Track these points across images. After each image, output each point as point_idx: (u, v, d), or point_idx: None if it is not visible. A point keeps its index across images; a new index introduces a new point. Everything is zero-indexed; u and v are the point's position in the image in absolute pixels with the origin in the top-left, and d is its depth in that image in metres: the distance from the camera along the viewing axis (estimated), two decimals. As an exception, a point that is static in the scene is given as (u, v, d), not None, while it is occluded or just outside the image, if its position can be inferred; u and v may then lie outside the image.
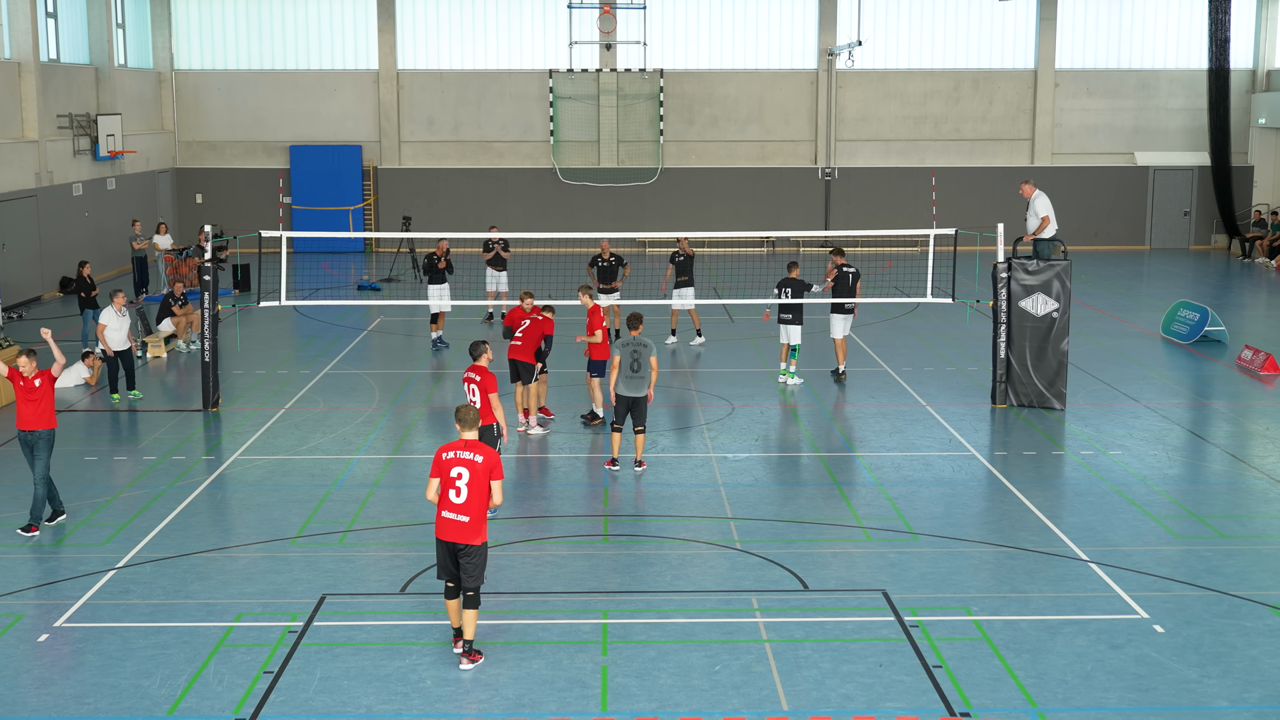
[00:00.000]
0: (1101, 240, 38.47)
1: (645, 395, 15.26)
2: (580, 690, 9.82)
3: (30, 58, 29.24)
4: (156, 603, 11.50)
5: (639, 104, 38.47)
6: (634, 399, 15.28)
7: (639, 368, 15.18)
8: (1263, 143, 38.77)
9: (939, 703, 9.61)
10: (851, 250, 38.43)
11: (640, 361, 15.20)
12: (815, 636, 10.76)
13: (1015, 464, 15.98)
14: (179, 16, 38.29)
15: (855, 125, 39.06)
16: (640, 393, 15.24)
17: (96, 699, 9.68)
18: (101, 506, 14.22)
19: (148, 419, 18.31)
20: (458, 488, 10.02)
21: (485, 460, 10.10)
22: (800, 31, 38.83)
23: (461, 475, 10.04)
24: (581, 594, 11.73)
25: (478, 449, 10.16)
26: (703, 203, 38.52)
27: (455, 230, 35.61)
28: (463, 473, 10.04)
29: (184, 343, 22.96)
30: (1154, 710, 9.54)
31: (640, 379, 15.21)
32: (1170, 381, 20.72)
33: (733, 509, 14.16)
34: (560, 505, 14.48)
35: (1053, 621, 11.07)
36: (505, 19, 38.56)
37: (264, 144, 38.61)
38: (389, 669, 10.17)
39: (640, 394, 15.24)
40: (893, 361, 22.00)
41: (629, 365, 15.19)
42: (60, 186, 30.50)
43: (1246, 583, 11.97)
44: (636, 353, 15.21)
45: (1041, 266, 18.45)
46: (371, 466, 16.00)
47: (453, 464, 10.08)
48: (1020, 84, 38.89)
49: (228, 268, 29.46)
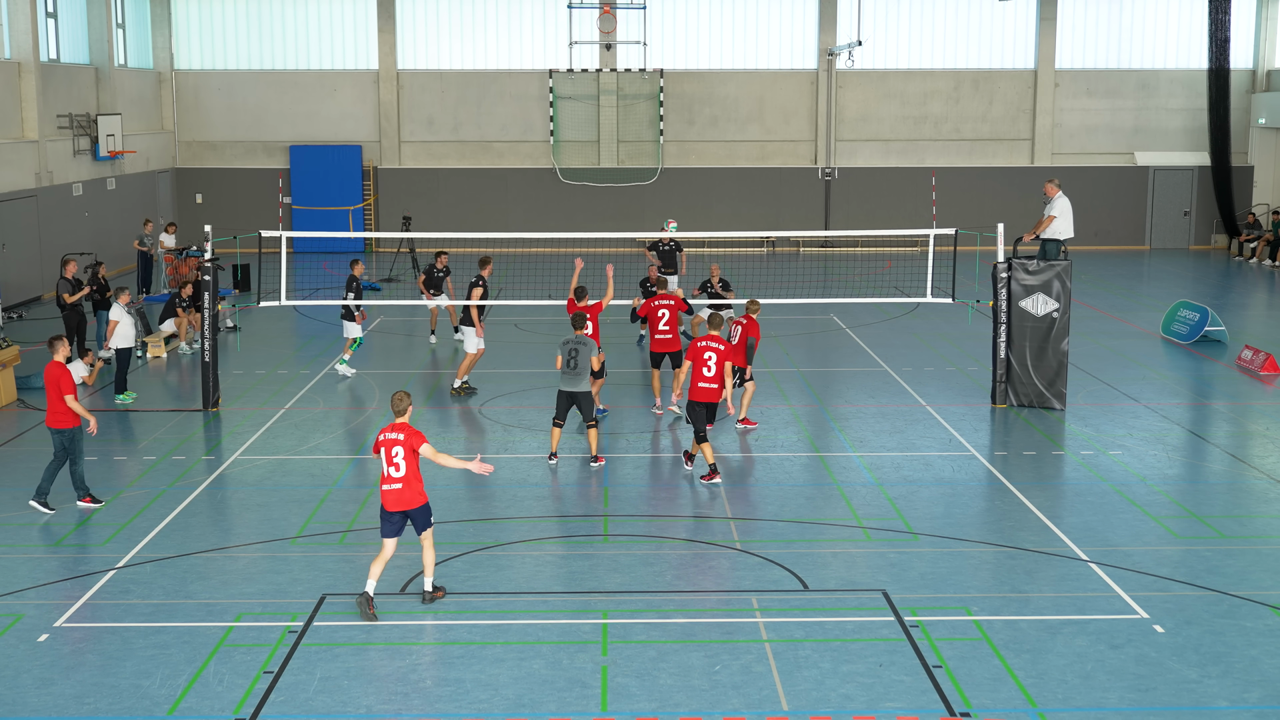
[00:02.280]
0: (1101, 240, 38.48)
1: (587, 390, 15.54)
2: (580, 690, 9.82)
3: (30, 58, 29.25)
4: (156, 603, 11.50)
5: (639, 104, 38.48)
6: (575, 394, 15.56)
7: (576, 365, 15.42)
8: (1263, 143, 38.78)
9: (939, 703, 9.61)
10: (852, 250, 38.65)
11: (579, 359, 15.42)
12: (815, 636, 10.76)
13: (1015, 464, 15.98)
14: (179, 16, 38.29)
15: (855, 125, 39.06)
16: (580, 388, 15.51)
17: (96, 699, 9.68)
18: (101, 506, 14.22)
19: (148, 419, 18.31)
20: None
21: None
22: (800, 31, 38.83)
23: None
24: (581, 594, 11.73)
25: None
26: (703, 203, 38.52)
27: (455, 230, 35.64)
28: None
29: (185, 343, 22.96)
30: (1154, 710, 9.54)
31: (578, 375, 15.46)
32: (1170, 381, 20.72)
33: (733, 509, 14.16)
34: (560, 505, 14.49)
35: (1053, 621, 11.07)
36: (505, 19, 38.56)
37: (264, 144, 38.61)
38: (389, 669, 10.17)
39: (581, 389, 15.51)
40: (893, 361, 22.00)
41: (568, 363, 15.46)
42: (60, 186, 30.51)
43: (1246, 583, 11.97)
44: (575, 351, 15.46)
45: (1042, 266, 18.45)
46: (371, 466, 16.00)
47: None
48: (1020, 84, 38.89)
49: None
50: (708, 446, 14.89)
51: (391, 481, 11.09)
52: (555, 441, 15.91)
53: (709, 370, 14.75)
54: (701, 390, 14.87)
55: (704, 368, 14.78)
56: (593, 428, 15.76)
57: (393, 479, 11.08)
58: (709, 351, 14.80)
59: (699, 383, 14.86)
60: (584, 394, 15.60)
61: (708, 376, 14.77)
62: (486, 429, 17.85)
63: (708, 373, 14.76)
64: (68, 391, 13.93)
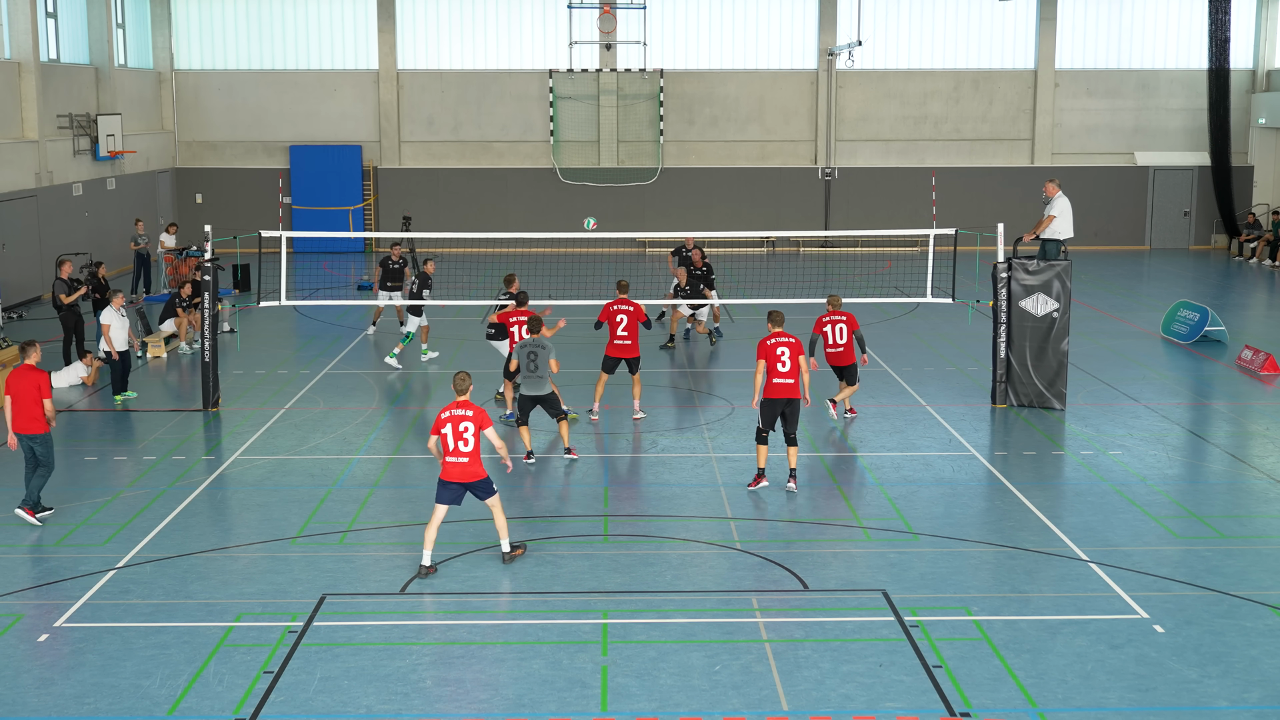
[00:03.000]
0: (1101, 240, 38.47)
1: (550, 391, 15.74)
2: (580, 690, 9.82)
3: (30, 58, 29.25)
4: (156, 603, 11.50)
5: (639, 104, 38.48)
6: (538, 396, 15.76)
7: (536, 368, 15.59)
8: (1263, 143, 38.78)
9: (939, 703, 9.61)
10: (851, 250, 38.65)
11: (538, 362, 15.59)
12: (815, 636, 10.76)
13: (1015, 464, 15.98)
14: (179, 16, 38.29)
15: (855, 125, 39.06)
16: (543, 390, 15.71)
17: (96, 699, 9.68)
18: (101, 506, 14.21)
19: (148, 419, 18.31)
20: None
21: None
22: (800, 31, 38.83)
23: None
24: (581, 594, 11.73)
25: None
26: (703, 203, 38.52)
27: (455, 230, 35.65)
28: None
29: (186, 343, 22.96)
30: (1154, 710, 9.54)
31: (539, 378, 15.64)
32: (1170, 381, 20.72)
33: (733, 509, 14.15)
34: (560, 505, 14.49)
35: (1053, 621, 11.07)
36: (505, 19, 38.56)
37: (264, 144, 38.61)
38: (389, 669, 10.17)
39: (543, 391, 15.72)
40: (893, 361, 22.00)
41: (527, 366, 15.63)
42: (60, 186, 30.51)
43: (1246, 583, 11.97)
44: (534, 354, 15.61)
45: (1042, 266, 18.45)
46: (371, 466, 16.01)
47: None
48: (1020, 84, 38.89)
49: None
50: (764, 450, 14.72)
51: (459, 455, 11.84)
52: (527, 440, 16.03)
53: (784, 366, 14.48)
54: (778, 386, 14.49)
55: (779, 364, 14.48)
56: (563, 419, 16.01)
57: (461, 453, 11.83)
58: (781, 347, 14.49)
59: (774, 379, 14.50)
60: (547, 396, 15.80)
61: (783, 372, 14.49)
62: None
63: (782, 369, 14.47)
64: (47, 395, 13.60)
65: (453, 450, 11.88)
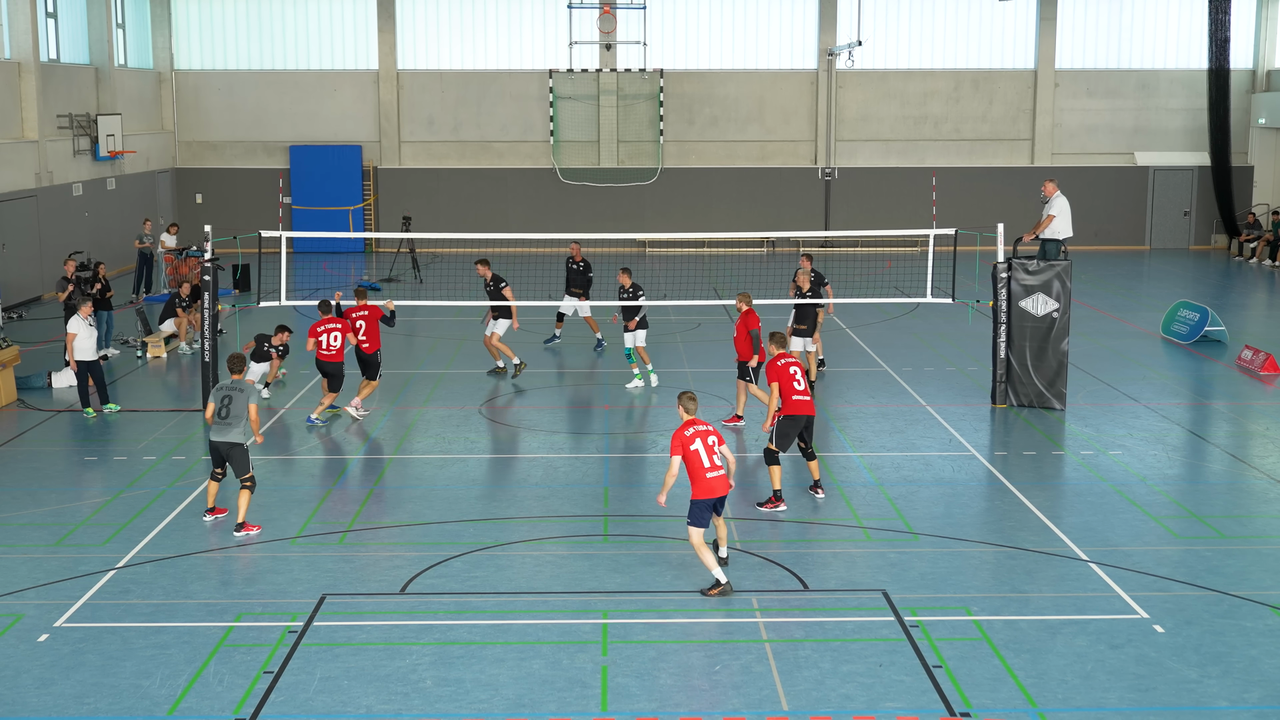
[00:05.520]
0: (1101, 240, 38.46)
1: (239, 443, 13.37)
2: (580, 690, 9.82)
3: (30, 58, 29.25)
4: (156, 603, 11.50)
5: (639, 104, 38.48)
6: (225, 445, 13.39)
7: (228, 414, 13.29)
8: (1263, 143, 38.78)
9: (939, 703, 9.61)
10: (852, 250, 38.62)
11: (230, 408, 13.30)
12: (815, 636, 10.76)
13: (1015, 464, 15.98)
14: (179, 16, 38.29)
15: (855, 125, 39.06)
16: (228, 439, 13.34)
17: (96, 699, 9.68)
18: (101, 506, 14.22)
19: (148, 419, 18.31)
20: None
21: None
22: (800, 31, 38.83)
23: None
24: (581, 594, 11.73)
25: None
26: (703, 203, 38.52)
27: (455, 230, 35.67)
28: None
29: (185, 343, 22.95)
30: (1154, 710, 9.54)
31: (228, 425, 13.30)
32: (1170, 381, 20.72)
33: (732, 509, 14.15)
34: (560, 505, 14.48)
35: (1053, 621, 11.07)
36: (505, 19, 38.56)
37: (264, 144, 38.61)
38: (389, 669, 10.17)
39: (229, 440, 13.35)
40: (893, 361, 22.00)
41: (219, 411, 13.32)
42: (60, 186, 30.50)
43: (1246, 583, 11.97)
44: (229, 397, 13.33)
45: (1042, 266, 18.45)
46: (372, 466, 16.01)
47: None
48: (1020, 84, 38.89)
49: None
50: (778, 470, 14.23)
51: (716, 469, 11.81)
52: (212, 497, 13.80)
53: (799, 384, 14.33)
54: (799, 404, 14.28)
55: (794, 382, 14.34)
56: (247, 489, 13.42)
57: (718, 466, 11.82)
58: (792, 366, 14.38)
59: (794, 396, 14.30)
60: (237, 446, 13.36)
61: (799, 389, 14.33)
62: (486, 429, 17.86)
63: (799, 385, 14.34)
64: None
65: (709, 465, 11.77)
